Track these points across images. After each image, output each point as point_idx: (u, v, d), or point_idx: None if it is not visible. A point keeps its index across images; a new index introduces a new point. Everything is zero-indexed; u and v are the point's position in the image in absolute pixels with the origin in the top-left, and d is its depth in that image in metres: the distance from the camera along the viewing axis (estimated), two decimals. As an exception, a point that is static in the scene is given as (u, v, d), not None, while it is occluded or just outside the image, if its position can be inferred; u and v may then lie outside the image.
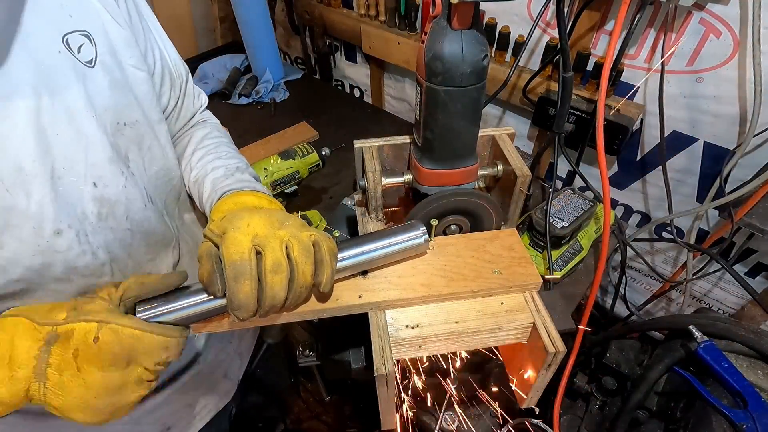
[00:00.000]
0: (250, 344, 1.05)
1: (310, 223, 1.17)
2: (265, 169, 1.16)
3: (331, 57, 1.85)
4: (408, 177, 0.70)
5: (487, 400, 0.93)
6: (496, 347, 0.72)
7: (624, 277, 1.27)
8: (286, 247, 0.50)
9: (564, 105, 1.00)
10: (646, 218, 1.34)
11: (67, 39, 0.53)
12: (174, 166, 0.72)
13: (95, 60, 0.55)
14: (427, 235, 0.60)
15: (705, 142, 1.09)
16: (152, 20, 0.70)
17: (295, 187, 1.23)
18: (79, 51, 0.54)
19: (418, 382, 0.86)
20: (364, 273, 0.60)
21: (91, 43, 0.55)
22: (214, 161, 0.72)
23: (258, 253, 0.49)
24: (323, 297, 0.57)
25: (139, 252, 0.65)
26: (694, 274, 1.25)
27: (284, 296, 0.50)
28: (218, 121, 0.85)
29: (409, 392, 0.89)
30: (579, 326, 0.87)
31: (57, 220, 0.52)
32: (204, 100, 0.84)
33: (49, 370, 0.45)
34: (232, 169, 0.70)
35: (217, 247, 0.50)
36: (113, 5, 0.59)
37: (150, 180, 0.66)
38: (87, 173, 0.55)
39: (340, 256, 0.55)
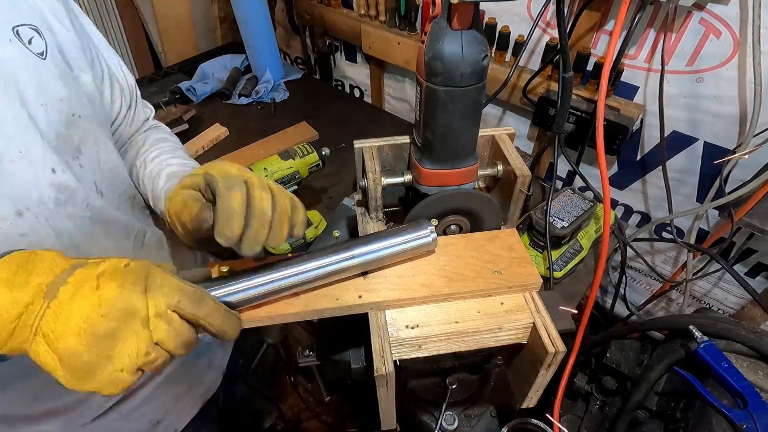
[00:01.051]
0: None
1: (309, 224, 1.17)
2: (265, 169, 1.16)
3: (331, 57, 1.85)
4: (408, 177, 0.70)
5: (486, 400, 0.93)
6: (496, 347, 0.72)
7: (624, 277, 1.27)
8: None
9: (564, 105, 1.00)
10: (646, 218, 1.34)
11: (18, 30, 0.54)
12: (124, 170, 0.73)
13: (46, 52, 0.56)
14: (435, 234, 0.60)
15: (705, 142, 1.09)
16: (94, 32, 0.72)
17: (295, 187, 1.23)
18: (30, 42, 0.55)
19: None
20: (364, 273, 0.60)
21: (41, 36, 0.56)
22: (170, 159, 0.74)
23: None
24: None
25: (100, 241, 0.65)
26: (694, 274, 1.25)
27: (270, 214, 0.50)
28: (170, 130, 0.88)
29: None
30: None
31: (16, 202, 0.53)
32: (151, 109, 0.86)
33: (62, 288, 0.40)
34: (188, 167, 0.73)
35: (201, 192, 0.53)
36: (59, 9, 0.61)
37: (104, 175, 0.67)
38: (45, 159, 0.55)
39: (349, 254, 0.56)
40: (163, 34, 1.91)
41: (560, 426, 0.85)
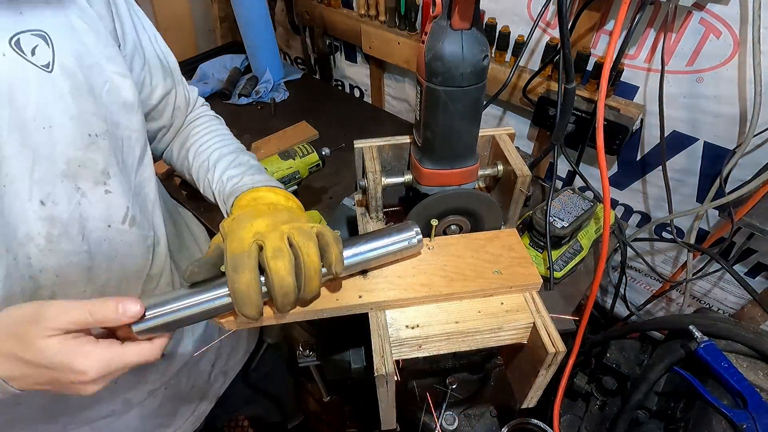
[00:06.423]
0: (240, 360, 1.04)
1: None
2: (265, 169, 1.16)
3: (331, 57, 1.85)
4: (408, 177, 0.70)
5: (486, 400, 0.93)
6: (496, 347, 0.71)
7: (624, 277, 1.27)
8: (288, 237, 0.50)
9: (564, 117, 1.00)
10: (646, 218, 1.34)
11: (17, 39, 0.47)
12: (154, 181, 0.69)
13: (53, 63, 0.49)
14: (420, 235, 0.60)
15: (705, 142, 1.09)
16: (139, 11, 0.67)
17: (295, 187, 1.23)
18: (33, 53, 0.47)
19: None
20: (364, 273, 0.60)
21: (48, 44, 0.49)
22: (226, 157, 0.72)
23: (261, 247, 0.50)
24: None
25: (100, 277, 0.59)
26: (694, 274, 1.25)
27: (292, 282, 0.49)
28: (217, 115, 0.85)
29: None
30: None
31: None
32: (197, 89, 0.82)
33: None
34: (245, 166, 0.71)
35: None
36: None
37: (136, 195, 0.63)
38: (32, 190, 0.50)
39: None
40: (163, 34, 1.89)
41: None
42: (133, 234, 0.62)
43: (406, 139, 0.74)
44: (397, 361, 0.58)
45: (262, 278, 0.50)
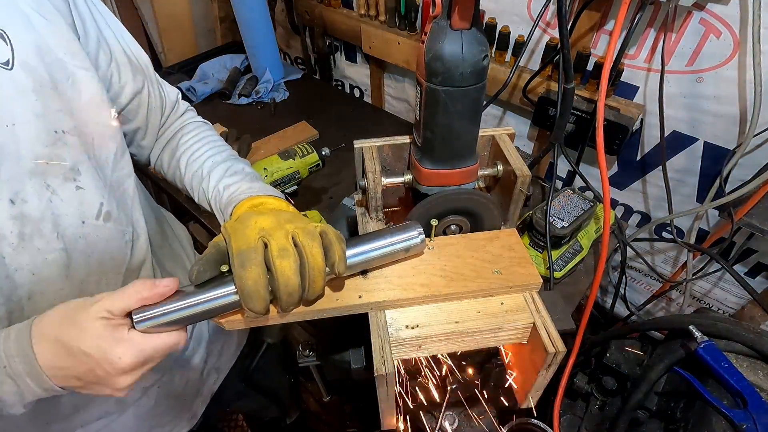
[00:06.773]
0: (233, 355, 1.04)
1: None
2: (265, 169, 1.16)
3: (331, 57, 1.85)
4: (408, 177, 0.70)
5: (486, 400, 0.93)
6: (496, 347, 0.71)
7: (624, 277, 1.27)
8: (293, 237, 0.51)
9: (564, 116, 1.00)
10: (646, 218, 1.34)
11: None
12: (132, 178, 0.67)
13: (12, 60, 0.48)
14: (423, 236, 0.60)
15: (705, 142, 1.09)
16: (101, 7, 0.65)
17: (295, 187, 1.23)
18: None
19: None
20: (364, 273, 0.60)
21: (6, 41, 0.48)
22: (220, 165, 0.72)
23: (266, 245, 0.50)
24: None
25: (78, 273, 0.59)
26: (694, 274, 1.25)
27: (297, 282, 0.49)
28: (205, 120, 0.84)
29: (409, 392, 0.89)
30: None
31: None
32: (178, 92, 0.80)
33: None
34: (241, 174, 0.71)
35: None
36: None
37: (112, 191, 0.62)
38: (1, 189, 0.49)
39: None
40: (163, 34, 1.91)
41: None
42: (110, 229, 0.61)
43: (406, 139, 0.74)
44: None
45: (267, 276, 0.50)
